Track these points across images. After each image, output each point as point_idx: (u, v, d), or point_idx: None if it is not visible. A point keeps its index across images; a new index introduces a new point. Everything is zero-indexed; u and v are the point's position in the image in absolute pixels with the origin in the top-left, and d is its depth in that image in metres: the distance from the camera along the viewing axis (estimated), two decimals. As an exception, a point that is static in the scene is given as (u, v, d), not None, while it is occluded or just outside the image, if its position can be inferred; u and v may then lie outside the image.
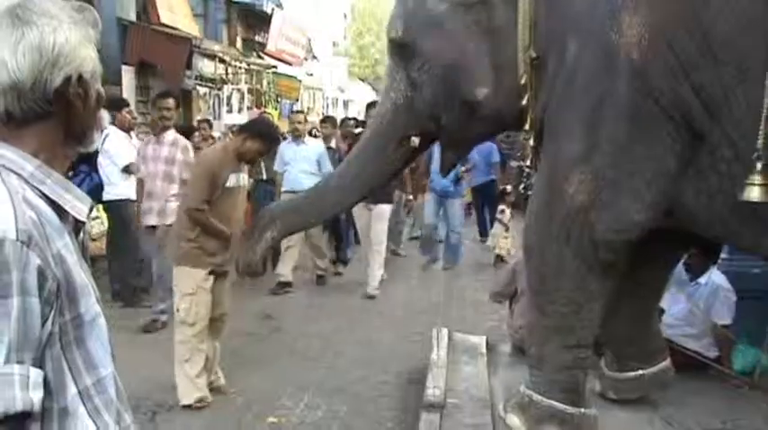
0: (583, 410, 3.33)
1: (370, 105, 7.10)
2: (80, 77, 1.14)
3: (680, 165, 2.88)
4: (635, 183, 2.97)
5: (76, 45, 1.13)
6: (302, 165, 7.10)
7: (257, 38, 16.17)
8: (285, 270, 7.07)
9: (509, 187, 9.37)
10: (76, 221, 1.17)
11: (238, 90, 13.26)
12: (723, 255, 5.09)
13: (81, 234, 1.21)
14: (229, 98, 12.65)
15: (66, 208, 1.13)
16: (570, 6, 3.02)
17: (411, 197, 8.57)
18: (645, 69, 2.77)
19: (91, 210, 1.20)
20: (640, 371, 3.85)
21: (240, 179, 4.29)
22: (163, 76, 10.10)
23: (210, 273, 4.16)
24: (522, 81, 3.17)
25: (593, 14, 2.92)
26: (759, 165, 2.56)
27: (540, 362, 3.35)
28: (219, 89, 12.61)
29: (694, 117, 2.77)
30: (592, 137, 2.97)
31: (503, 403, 3.60)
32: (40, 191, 1.10)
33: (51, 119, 1.13)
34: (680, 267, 4.74)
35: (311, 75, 22.08)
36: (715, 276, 4.62)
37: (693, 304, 4.61)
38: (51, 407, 1.06)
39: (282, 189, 7.16)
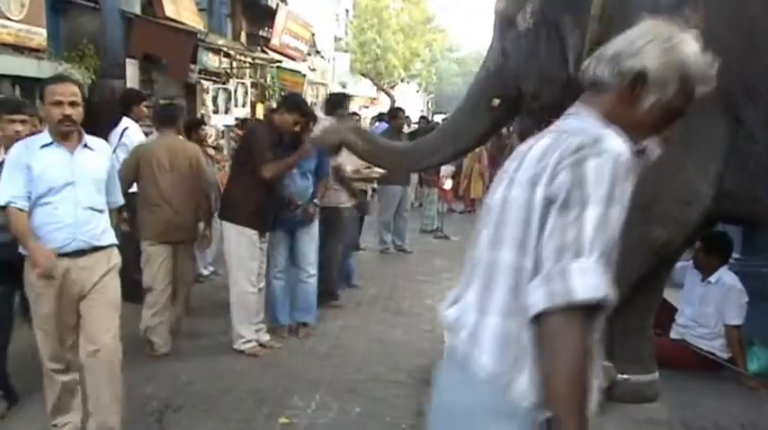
0: None
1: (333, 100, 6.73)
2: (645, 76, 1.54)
3: (727, 147, 3.23)
4: (699, 154, 3.23)
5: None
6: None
7: (261, 32, 16.07)
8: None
9: None
10: None
11: (242, 84, 13.19)
12: (735, 255, 5.05)
13: None
14: (235, 92, 12.60)
15: None
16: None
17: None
18: None
19: None
20: (625, 376, 3.76)
21: None
22: (167, 70, 10.02)
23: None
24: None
25: (657, 7, 3.22)
26: None
27: None
28: (224, 83, 12.53)
29: (737, 102, 3.16)
30: None
31: None
32: None
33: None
34: (691, 268, 4.70)
35: (314, 70, 21.96)
36: (726, 276, 4.57)
37: (705, 304, 4.55)
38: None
39: None
